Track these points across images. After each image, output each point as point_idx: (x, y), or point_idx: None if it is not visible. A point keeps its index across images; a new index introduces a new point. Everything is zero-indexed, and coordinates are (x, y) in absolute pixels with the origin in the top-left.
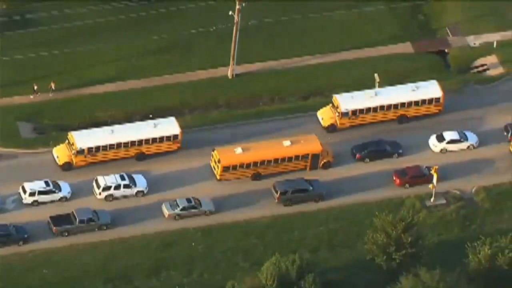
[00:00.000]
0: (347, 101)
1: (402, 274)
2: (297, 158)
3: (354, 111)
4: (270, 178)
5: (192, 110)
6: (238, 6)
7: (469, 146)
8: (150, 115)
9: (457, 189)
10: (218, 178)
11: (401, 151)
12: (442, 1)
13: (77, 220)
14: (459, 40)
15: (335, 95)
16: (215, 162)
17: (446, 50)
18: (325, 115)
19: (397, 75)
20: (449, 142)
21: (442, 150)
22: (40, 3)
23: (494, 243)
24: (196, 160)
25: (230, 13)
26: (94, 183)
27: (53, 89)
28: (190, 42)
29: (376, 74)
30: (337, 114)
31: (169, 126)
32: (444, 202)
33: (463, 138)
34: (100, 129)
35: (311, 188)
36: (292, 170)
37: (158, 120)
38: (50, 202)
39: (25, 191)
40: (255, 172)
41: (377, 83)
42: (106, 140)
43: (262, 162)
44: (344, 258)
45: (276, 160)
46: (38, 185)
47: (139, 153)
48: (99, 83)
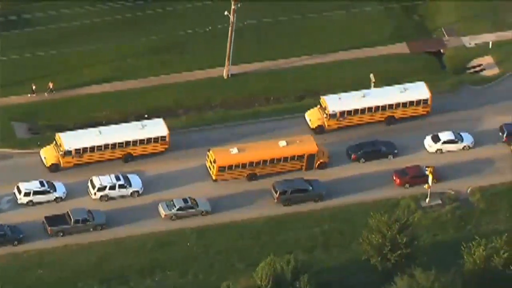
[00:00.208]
0: (335, 102)
1: (397, 275)
2: (292, 158)
3: (342, 113)
4: (266, 179)
5: (187, 110)
6: (233, 6)
7: (464, 147)
8: (146, 116)
9: (452, 189)
10: (214, 178)
11: (396, 152)
12: (438, 1)
13: (72, 220)
14: (455, 40)
15: (323, 97)
16: (211, 162)
17: (441, 51)
18: (313, 117)
19: (392, 76)
20: (444, 143)
21: (437, 150)
22: (37, 3)
23: (489, 244)
24: (191, 160)
25: (226, 13)
26: (89, 184)
27: (51, 89)
28: (187, 42)
29: (371, 75)
30: (325, 115)
31: (157, 128)
32: (439, 202)
33: (459, 138)
34: (87, 130)
35: (311, 188)
36: (288, 170)
37: (145, 121)
38: (45, 202)
39: (20, 191)
40: (251, 172)
41: (372, 83)
42: (94, 141)
43: (258, 163)
44: (339, 259)
45: (271, 160)
46: (33, 185)
47: (127, 154)
48: (96, 83)
